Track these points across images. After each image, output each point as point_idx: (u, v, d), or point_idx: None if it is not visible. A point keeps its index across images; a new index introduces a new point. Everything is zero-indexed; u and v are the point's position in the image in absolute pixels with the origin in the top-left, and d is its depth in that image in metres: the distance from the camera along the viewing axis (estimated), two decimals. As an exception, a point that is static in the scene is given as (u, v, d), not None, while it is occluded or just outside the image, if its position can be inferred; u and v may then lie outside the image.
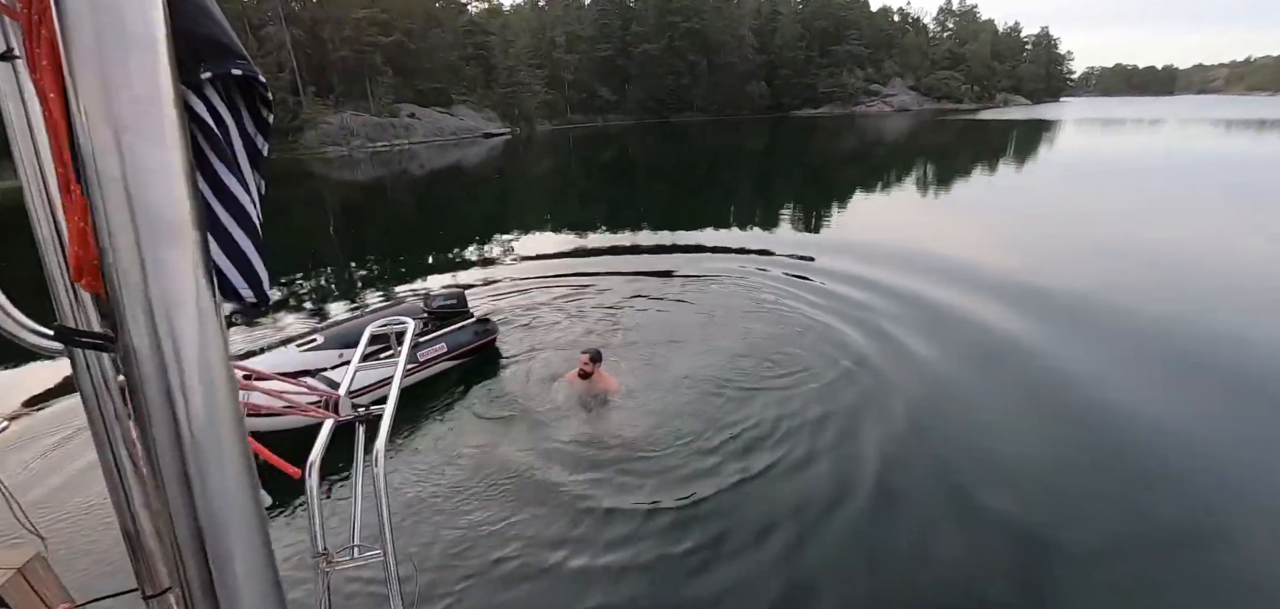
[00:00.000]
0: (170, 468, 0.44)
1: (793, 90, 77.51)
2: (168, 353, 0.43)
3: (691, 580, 3.44)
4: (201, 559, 0.45)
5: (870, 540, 3.73)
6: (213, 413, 0.45)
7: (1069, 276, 8.64)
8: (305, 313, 8.99)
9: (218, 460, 0.45)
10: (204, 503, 0.45)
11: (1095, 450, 4.60)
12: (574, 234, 13.20)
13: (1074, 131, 40.47)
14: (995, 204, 15.88)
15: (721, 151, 34.53)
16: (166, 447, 0.43)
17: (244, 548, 0.47)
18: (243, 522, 0.47)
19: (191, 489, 0.44)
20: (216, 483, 0.45)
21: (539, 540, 3.75)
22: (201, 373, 0.44)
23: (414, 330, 2.10)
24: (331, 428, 1.65)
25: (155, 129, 0.42)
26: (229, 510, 0.46)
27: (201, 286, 0.45)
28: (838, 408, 5.18)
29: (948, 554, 3.61)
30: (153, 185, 0.42)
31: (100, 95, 0.40)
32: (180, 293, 0.43)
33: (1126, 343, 6.46)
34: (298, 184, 28.12)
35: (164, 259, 0.42)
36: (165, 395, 0.43)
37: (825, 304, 7.69)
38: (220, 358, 0.46)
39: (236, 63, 0.76)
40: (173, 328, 0.43)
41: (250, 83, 0.83)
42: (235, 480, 0.46)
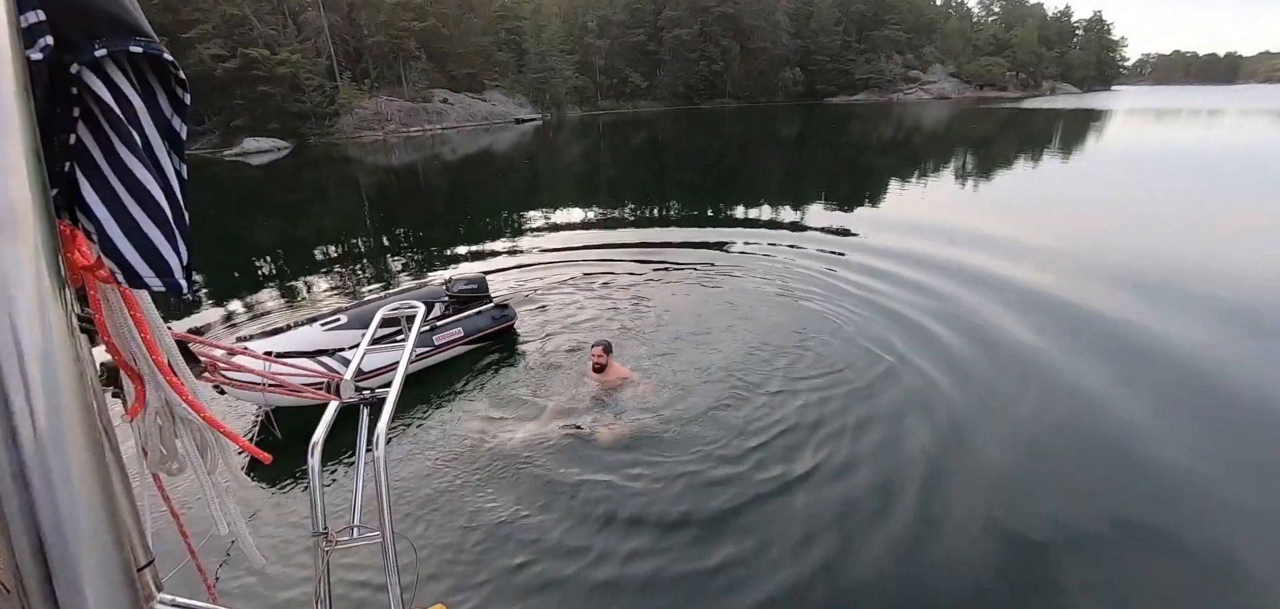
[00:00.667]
0: (5, 481, 0.41)
1: (827, 76, 75.58)
2: (3, 353, 0.40)
3: (703, 589, 3.32)
4: (43, 570, 0.42)
5: (914, 561, 3.47)
6: (56, 411, 0.42)
7: (1114, 278, 8.14)
8: (336, 292, 9.13)
9: (61, 459, 0.42)
10: (50, 519, 0.41)
11: (1138, 463, 4.30)
12: (601, 220, 13.11)
13: (1124, 122, 38.48)
14: (1038, 197, 15.16)
15: (753, 138, 33.96)
16: (1, 459, 0.40)
17: (92, 564, 0.44)
18: (95, 542, 0.44)
19: (31, 491, 0.41)
20: (63, 498, 0.42)
21: (542, 535, 3.71)
22: (42, 377, 0.41)
23: (423, 315, 2.08)
24: (335, 410, 1.63)
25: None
26: (78, 530, 0.43)
27: (45, 278, 0.42)
28: (877, 411, 4.95)
29: (994, 578, 3.36)
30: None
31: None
32: (16, 288, 0.40)
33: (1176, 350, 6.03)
34: (334, 168, 28.74)
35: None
36: (1, 402, 0.40)
37: (861, 298, 7.43)
38: (66, 353, 0.43)
39: (136, 40, 0.73)
40: (11, 324, 0.40)
41: (161, 62, 0.78)
42: (82, 477, 0.43)
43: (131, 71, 0.75)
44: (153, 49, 0.74)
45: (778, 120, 46.71)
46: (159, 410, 0.98)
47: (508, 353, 6.29)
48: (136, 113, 0.76)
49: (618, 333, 6.47)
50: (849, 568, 3.41)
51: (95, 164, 0.73)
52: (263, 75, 39.29)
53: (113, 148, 0.73)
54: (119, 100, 0.72)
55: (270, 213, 17.98)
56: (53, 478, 0.41)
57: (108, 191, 0.73)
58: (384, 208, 17.74)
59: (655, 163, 25.26)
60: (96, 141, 0.72)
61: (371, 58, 48.88)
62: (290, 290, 9.30)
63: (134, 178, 0.75)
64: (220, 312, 8.23)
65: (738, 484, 4.09)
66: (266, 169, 30.45)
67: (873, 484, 4.08)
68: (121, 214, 0.74)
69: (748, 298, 7.68)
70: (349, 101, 45.88)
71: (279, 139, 40.61)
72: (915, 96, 73.68)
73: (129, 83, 0.75)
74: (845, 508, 3.85)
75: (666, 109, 68.95)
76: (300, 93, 41.84)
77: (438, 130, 47.43)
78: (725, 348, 6.13)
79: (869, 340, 6.18)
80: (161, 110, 0.81)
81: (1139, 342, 6.16)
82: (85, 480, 0.44)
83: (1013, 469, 4.25)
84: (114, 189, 0.74)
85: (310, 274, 10.22)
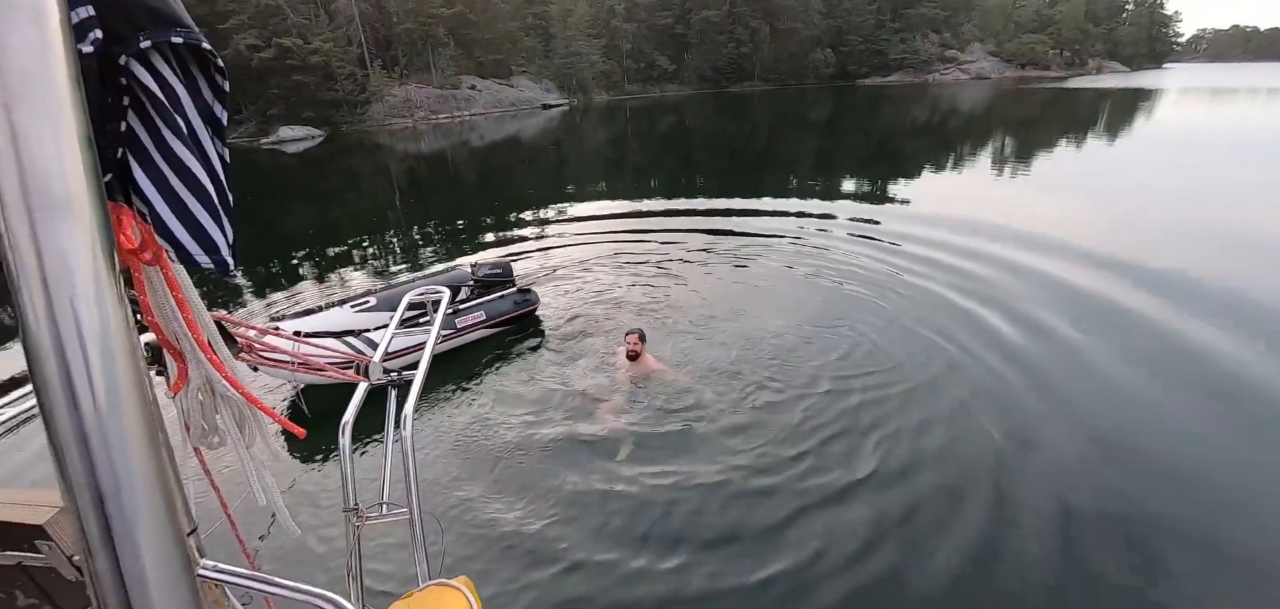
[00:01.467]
0: (69, 446, 0.43)
1: (860, 57, 73.50)
2: (64, 328, 0.42)
3: (745, 592, 3.32)
4: (106, 532, 0.44)
5: (987, 572, 3.26)
6: (113, 388, 0.44)
7: (1164, 266, 7.75)
8: (367, 273, 9.39)
9: (119, 436, 0.45)
10: (108, 480, 0.44)
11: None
12: (628, 206, 13.10)
13: (1176, 102, 36.51)
14: (1086, 181, 14.52)
15: (782, 122, 33.36)
16: (65, 424, 0.43)
17: (148, 523, 0.46)
18: (148, 500, 0.47)
19: (92, 454, 0.44)
20: (119, 459, 0.45)
21: (563, 517, 3.77)
22: (101, 349, 0.44)
23: (448, 300, 2.13)
24: (365, 391, 1.70)
25: (44, 102, 0.41)
26: (134, 489, 0.45)
27: (99, 258, 0.44)
28: (935, 409, 4.67)
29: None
30: (43, 159, 0.41)
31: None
32: (75, 265, 0.43)
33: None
34: (366, 156, 29.30)
35: (55, 232, 0.42)
36: (62, 372, 0.42)
37: (905, 287, 7.21)
38: (120, 328, 0.46)
39: (177, 30, 0.76)
40: (70, 302, 0.42)
41: (202, 52, 0.82)
42: (139, 454, 0.46)
43: (174, 61, 0.79)
44: (192, 39, 0.79)
45: (808, 103, 45.77)
46: (200, 387, 1.03)
47: (532, 337, 6.37)
48: (180, 100, 0.80)
49: (650, 323, 6.40)
50: (915, 581, 3.22)
51: (145, 150, 0.78)
52: (296, 64, 40.17)
53: (160, 134, 0.77)
54: (164, 89, 0.76)
55: (306, 200, 18.47)
56: (111, 444, 0.44)
57: (158, 175, 0.78)
58: (414, 194, 18.05)
59: (683, 147, 25.07)
60: (145, 128, 0.77)
61: (401, 45, 49.48)
62: (324, 274, 9.57)
63: (181, 162, 0.80)
64: (258, 294, 8.52)
65: (778, 483, 4.00)
66: (301, 157, 31.24)
67: (937, 488, 3.85)
68: (171, 196, 0.79)
69: (784, 285, 7.56)
70: (379, 89, 46.61)
71: (313, 127, 41.56)
72: (952, 77, 71.19)
73: (172, 72, 0.79)
74: (907, 514, 3.65)
75: (694, 93, 68.19)
76: (332, 81, 42.67)
77: (466, 117, 47.88)
78: (763, 338, 5.98)
79: (920, 332, 5.95)
80: (203, 97, 0.86)
81: (1206, 333, 5.85)
82: (139, 447, 0.46)
83: (1085, 468, 4.02)
84: (163, 173, 0.79)
85: (342, 258, 10.50)
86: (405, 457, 1.59)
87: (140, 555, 0.47)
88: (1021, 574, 3.24)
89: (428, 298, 2.26)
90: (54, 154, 0.42)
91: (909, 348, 5.65)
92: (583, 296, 7.44)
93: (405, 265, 9.82)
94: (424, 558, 1.61)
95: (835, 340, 5.86)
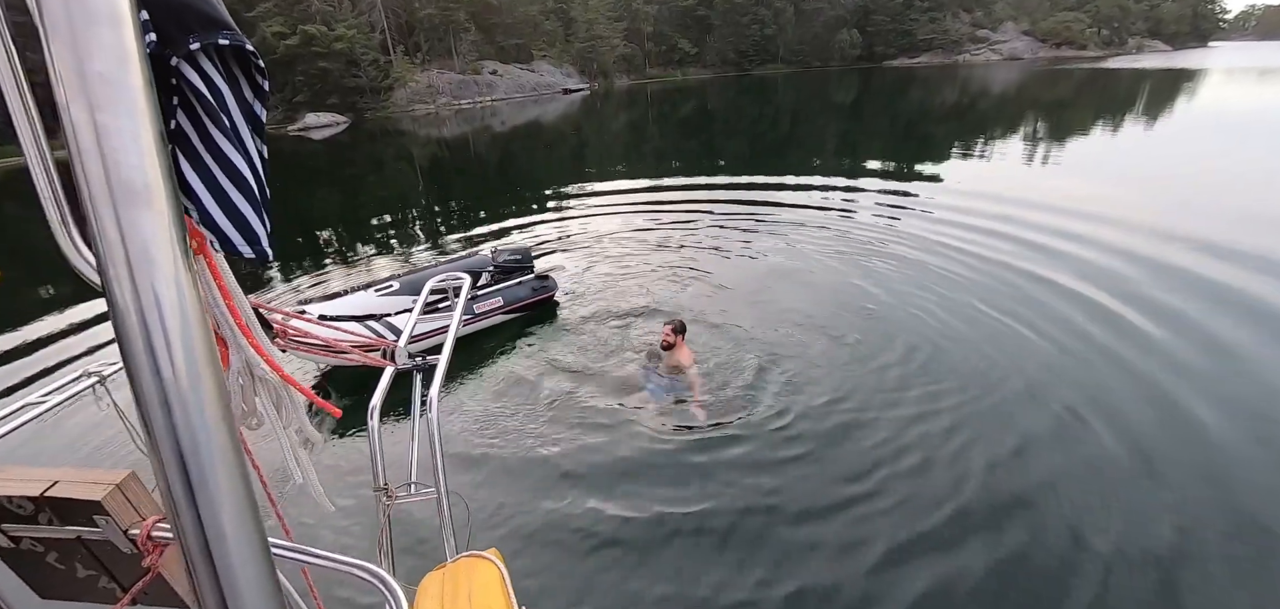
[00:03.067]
0: (154, 408, 0.49)
1: (887, 38, 71.55)
2: (147, 306, 0.47)
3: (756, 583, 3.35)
4: (186, 488, 0.50)
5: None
6: (190, 357, 0.49)
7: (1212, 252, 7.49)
8: (390, 258, 9.56)
9: (197, 401, 0.50)
10: (188, 441, 0.50)
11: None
12: (651, 192, 13.05)
13: (1222, 83, 34.82)
14: (1142, 169, 14.02)
15: (809, 106, 32.78)
16: (150, 389, 0.48)
17: (223, 479, 0.52)
18: (223, 456, 0.52)
19: (176, 428, 0.49)
20: (197, 421, 0.50)
21: (586, 497, 3.82)
22: (180, 323, 0.48)
23: (469, 286, 2.20)
24: (392, 374, 1.77)
25: (124, 102, 0.45)
26: (211, 446, 0.51)
27: (175, 245, 0.49)
28: (1023, 430, 4.22)
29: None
30: (125, 155, 0.46)
31: (76, 75, 0.44)
32: (155, 252, 0.47)
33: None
34: (390, 142, 29.65)
35: (138, 221, 0.47)
36: (147, 346, 0.48)
37: (956, 287, 6.78)
38: (196, 311, 0.50)
39: (223, 32, 0.80)
40: (152, 282, 0.47)
41: (243, 53, 0.86)
42: (212, 419, 0.51)
43: (218, 62, 0.84)
44: (237, 40, 0.83)
45: (834, 86, 44.85)
46: (241, 370, 1.07)
47: (552, 322, 6.43)
48: (225, 99, 0.85)
49: (678, 311, 6.32)
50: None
51: (193, 147, 0.82)
52: (321, 51, 40.67)
53: (207, 132, 0.81)
54: (210, 88, 0.80)
55: (332, 185, 18.78)
56: (190, 409, 0.49)
57: (205, 171, 0.83)
58: (436, 180, 18.23)
59: (706, 132, 24.83)
60: (193, 126, 0.81)
61: (422, 31, 49.73)
62: (349, 257, 9.77)
63: (227, 158, 0.85)
64: (286, 278, 8.74)
65: (811, 481, 3.97)
66: (327, 143, 31.73)
67: (1031, 530, 3.41)
68: (217, 191, 0.84)
69: (816, 272, 7.42)
70: (402, 75, 46.98)
71: (338, 113, 42.13)
72: (983, 58, 68.99)
73: (217, 72, 0.83)
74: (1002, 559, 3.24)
75: (716, 75, 67.36)
76: (356, 68, 43.13)
77: (488, 102, 48.05)
78: (792, 325, 5.89)
79: (991, 323, 5.73)
80: (245, 96, 0.91)
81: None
82: (214, 413, 0.51)
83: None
84: (210, 169, 0.84)
85: (367, 242, 10.71)
86: (432, 437, 1.65)
87: (220, 516, 0.52)
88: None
89: (449, 284, 2.32)
90: (134, 150, 0.46)
91: (956, 356, 5.28)
92: (605, 282, 7.46)
93: (429, 249, 9.95)
94: (451, 534, 1.68)
95: (865, 334, 5.76)
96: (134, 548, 1.12)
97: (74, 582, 1.21)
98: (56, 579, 1.22)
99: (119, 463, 1.38)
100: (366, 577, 1.08)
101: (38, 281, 8.77)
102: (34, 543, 1.17)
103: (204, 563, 0.53)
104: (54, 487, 1.11)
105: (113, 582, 1.19)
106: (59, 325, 7.04)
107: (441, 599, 1.19)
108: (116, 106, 0.45)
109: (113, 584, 1.20)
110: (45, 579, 1.22)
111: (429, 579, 1.27)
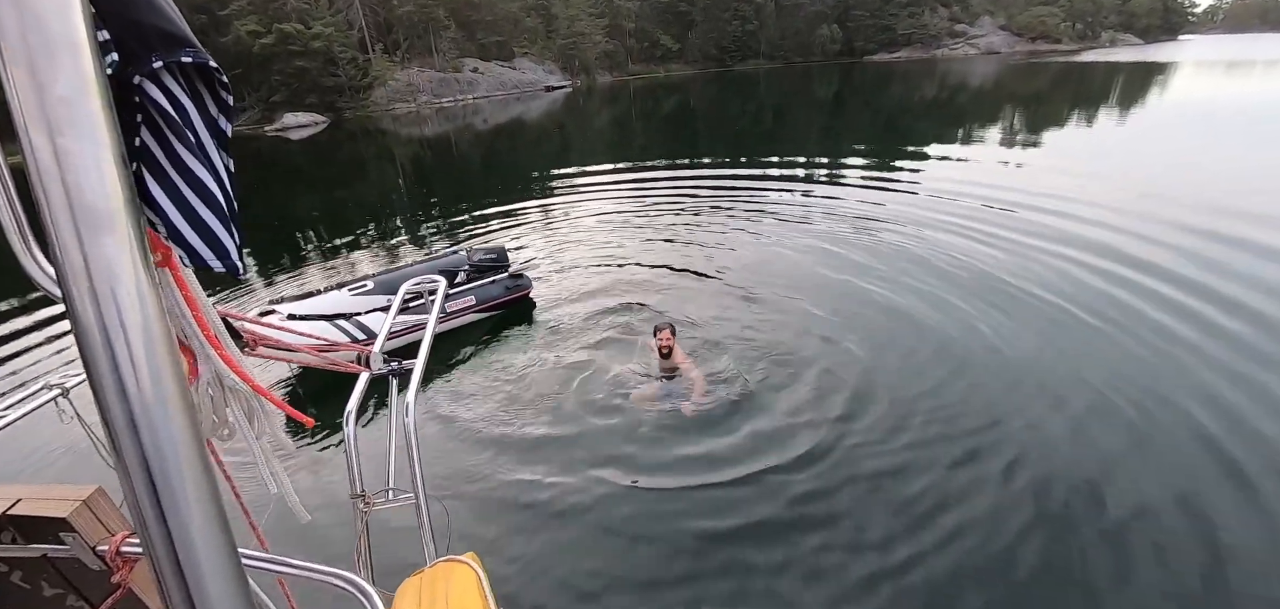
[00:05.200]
0: (120, 424, 0.49)
1: (867, 33, 72.29)
2: (111, 327, 0.47)
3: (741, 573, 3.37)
4: (154, 500, 0.51)
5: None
6: (155, 372, 0.49)
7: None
8: (368, 258, 9.48)
9: (163, 413, 0.50)
10: (154, 452, 0.50)
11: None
12: (633, 188, 13.02)
13: (1192, 75, 35.66)
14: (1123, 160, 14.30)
15: (790, 101, 32.96)
16: (115, 404, 0.48)
17: (194, 492, 0.52)
18: (191, 468, 0.52)
19: (142, 443, 0.49)
20: (164, 433, 0.50)
21: (563, 496, 3.83)
22: (143, 339, 0.49)
23: (444, 289, 2.19)
24: (367, 380, 1.76)
25: (85, 125, 0.46)
26: (178, 459, 0.51)
27: (137, 262, 0.49)
28: (987, 422, 4.20)
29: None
30: (86, 177, 0.46)
31: (35, 100, 0.44)
32: (118, 272, 0.48)
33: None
34: (370, 141, 29.26)
35: (102, 243, 0.47)
36: (111, 361, 0.48)
37: (936, 275, 6.84)
38: (159, 323, 0.50)
39: (186, 50, 0.81)
40: (116, 303, 0.47)
41: (207, 70, 0.87)
42: (180, 429, 0.51)
43: (182, 79, 0.84)
44: (200, 58, 0.84)
45: (816, 81, 45.13)
46: (210, 381, 1.05)
47: (528, 321, 6.41)
48: (189, 115, 0.85)
49: (660, 309, 6.32)
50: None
51: (158, 164, 0.83)
52: (298, 49, 39.98)
53: (172, 148, 0.82)
54: (174, 105, 0.81)
55: (310, 186, 18.49)
56: (155, 423, 0.49)
57: (171, 187, 0.83)
58: (418, 179, 18.04)
59: (689, 128, 24.86)
60: (158, 143, 0.82)
61: (401, 28, 49.11)
62: (325, 259, 9.65)
63: (192, 174, 0.85)
64: (264, 279, 8.59)
65: (790, 479, 4.03)
66: (305, 144, 31.22)
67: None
68: (184, 206, 0.85)
69: (800, 270, 7.38)
70: (381, 74, 46.38)
71: (316, 113, 41.48)
72: (961, 52, 69.99)
73: (181, 89, 0.84)
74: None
75: (698, 71, 67.47)
76: (334, 66, 42.49)
77: (469, 100, 47.63)
78: (784, 327, 5.83)
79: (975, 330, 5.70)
80: (209, 111, 0.91)
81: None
82: (180, 426, 0.51)
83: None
84: (176, 185, 0.84)
85: (346, 243, 10.56)
86: (409, 442, 1.64)
87: (190, 529, 0.52)
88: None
89: (425, 287, 2.30)
90: (94, 172, 0.46)
91: (948, 349, 5.30)
92: (582, 279, 7.45)
93: (407, 249, 9.86)
94: (430, 539, 1.66)
95: (874, 326, 5.76)
96: (103, 564, 1.10)
97: (40, 601, 1.18)
98: (21, 599, 1.18)
99: (83, 478, 1.34)
100: (344, 585, 1.06)
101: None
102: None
103: (174, 576, 0.53)
104: (17, 505, 1.08)
105: (81, 599, 1.17)
106: (17, 336, 6.86)
107: (419, 604, 1.18)
108: (77, 130, 0.45)
109: (81, 602, 1.17)
110: (9, 600, 1.19)
111: (407, 585, 1.27)
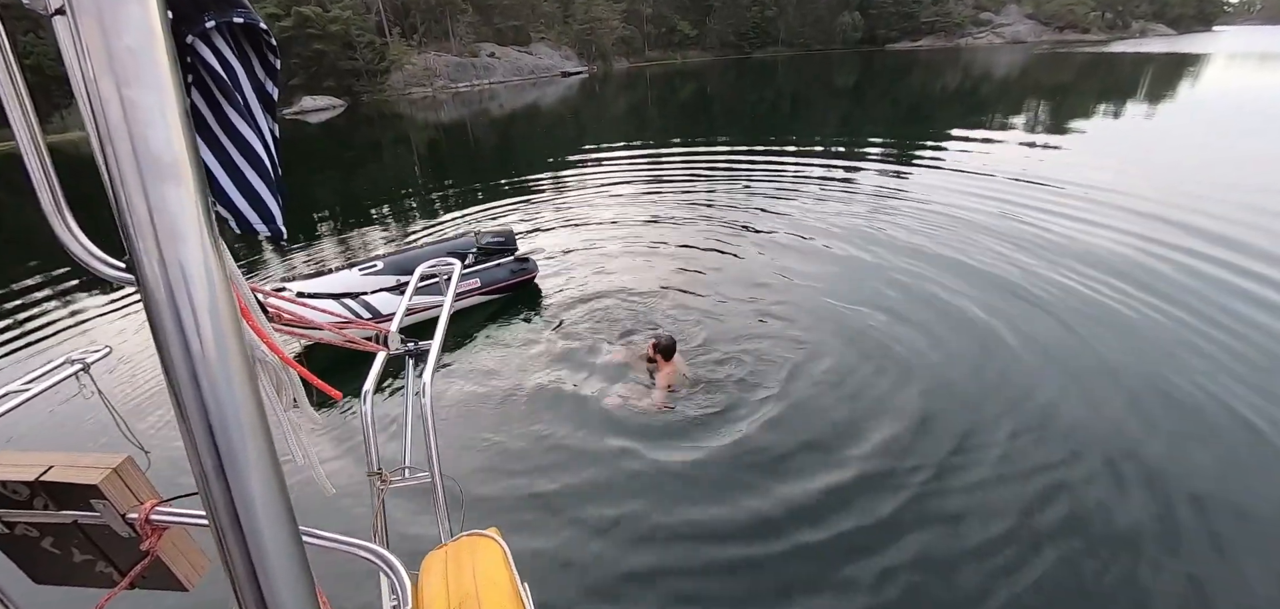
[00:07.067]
0: (184, 382, 0.49)
1: (889, 20, 70.87)
2: (175, 281, 0.48)
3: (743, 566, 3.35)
4: (216, 460, 0.51)
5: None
6: (218, 332, 0.49)
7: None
8: (383, 239, 9.59)
9: (225, 373, 0.50)
10: (216, 413, 0.50)
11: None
12: (648, 176, 12.96)
13: (1225, 68, 34.42)
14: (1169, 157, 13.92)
15: (809, 90, 32.52)
16: (179, 362, 0.49)
17: (252, 450, 0.53)
18: (251, 428, 0.53)
19: (204, 402, 0.50)
20: (225, 393, 0.50)
21: (576, 477, 3.86)
22: (208, 298, 0.49)
23: (459, 270, 2.21)
24: (384, 360, 1.77)
25: (151, 77, 0.46)
26: (239, 420, 0.51)
27: (201, 219, 0.49)
28: (1002, 418, 4.12)
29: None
30: (153, 129, 0.46)
31: (103, 50, 0.44)
32: (183, 226, 0.48)
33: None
34: (387, 125, 29.43)
35: (165, 196, 0.47)
36: (176, 319, 0.48)
37: (956, 271, 6.70)
38: (222, 284, 0.50)
39: (238, 11, 0.81)
40: (180, 257, 0.48)
41: (256, 31, 0.86)
42: (241, 390, 0.51)
43: (231, 40, 0.83)
44: (251, 19, 0.82)
45: (836, 69, 44.40)
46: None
47: (536, 303, 6.45)
48: (238, 77, 0.84)
49: (664, 300, 6.27)
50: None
51: (208, 125, 0.82)
52: (316, 33, 40.28)
53: (221, 109, 0.81)
54: (224, 66, 0.80)
55: (329, 169, 18.65)
56: (217, 383, 0.50)
57: (219, 149, 0.82)
58: (433, 163, 18.13)
59: (706, 116, 24.63)
60: (207, 105, 0.80)
61: (419, 12, 49.18)
62: (344, 239, 9.76)
63: (241, 136, 0.84)
64: (282, 259, 8.70)
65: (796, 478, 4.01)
66: (324, 127, 31.49)
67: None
68: (232, 169, 0.84)
69: (819, 263, 7.26)
70: (399, 58, 46.54)
71: (334, 97, 41.83)
72: (986, 40, 68.45)
73: (231, 50, 0.82)
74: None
75: (716, 58, 66.79)
76: (352, 50, 42.74)
77: (485, 85, 47.66)
78: (791, 321, 5.69)
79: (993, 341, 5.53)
80: (257, 75, 0.89)
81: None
82: (242, 386, 0.52)
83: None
84: (225, 147, 0.83)
85: (361, 225, 10.71)
86: (426, 421, 1.65)
87: (248, 484, 0.53)
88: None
89: (439, 269, 2.32)
90: (160, 124, 0.46)
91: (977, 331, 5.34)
92: (591, 263, 7.45)
93: (421, 232, 9.92)
94: (446, 516, 1.68)
95: (881, 325, 5.69)
96: (132, 531, 1.10)
97: (70, 566, 1.19)
98: (52, 564, 1.20)
99: (106, 448, 1.37)
100: (371, 557, 1.06)
101: (14, 267, 8.73)
102: (29, 528, 1.15)
103: (234, 535, 0.54)
104: (49, 472, 1.09)
105: (110, 566, 1.18)
106: (40, 311, 7.02)
107: (445, 577, 1.18)
108: (143, 81, 0.45)
109: (110, 568, 1.18)
110: (40, 564, 1.21)
111: (431, 558, 1.26)
